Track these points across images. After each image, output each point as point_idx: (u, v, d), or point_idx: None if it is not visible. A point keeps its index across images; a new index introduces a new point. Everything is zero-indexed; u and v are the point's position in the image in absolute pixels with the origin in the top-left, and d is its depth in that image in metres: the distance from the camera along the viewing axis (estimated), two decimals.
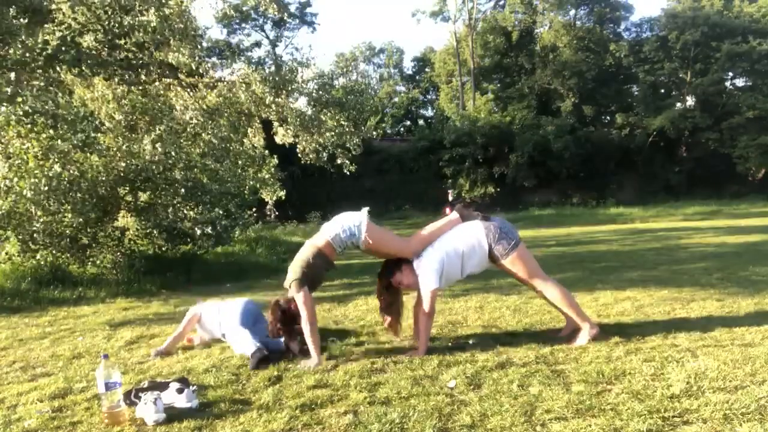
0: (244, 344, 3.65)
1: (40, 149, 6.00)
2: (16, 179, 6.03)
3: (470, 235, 3.64)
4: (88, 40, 6.55)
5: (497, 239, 3.61)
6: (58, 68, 6.62)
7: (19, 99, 5.89)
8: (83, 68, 6.68)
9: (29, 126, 5.92)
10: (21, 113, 5.80)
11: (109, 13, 6.55)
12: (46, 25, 6.53)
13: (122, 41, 6.87)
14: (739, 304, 4.63)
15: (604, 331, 3.92)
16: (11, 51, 6.01)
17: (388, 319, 3.80)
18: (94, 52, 6.54)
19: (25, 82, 6.37)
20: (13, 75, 6.12)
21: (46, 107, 5.91)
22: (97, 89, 7.65)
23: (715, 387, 2.74)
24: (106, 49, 6.73)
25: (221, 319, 4.00)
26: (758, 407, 2.47)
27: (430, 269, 3.57)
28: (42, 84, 6.43)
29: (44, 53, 6.22)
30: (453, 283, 3.87)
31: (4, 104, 5.89)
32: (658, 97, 30.03)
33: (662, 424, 2.37)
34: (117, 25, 6.72)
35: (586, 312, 4.61)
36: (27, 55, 6.11)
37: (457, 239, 3.65)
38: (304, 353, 3.60)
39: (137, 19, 6.68)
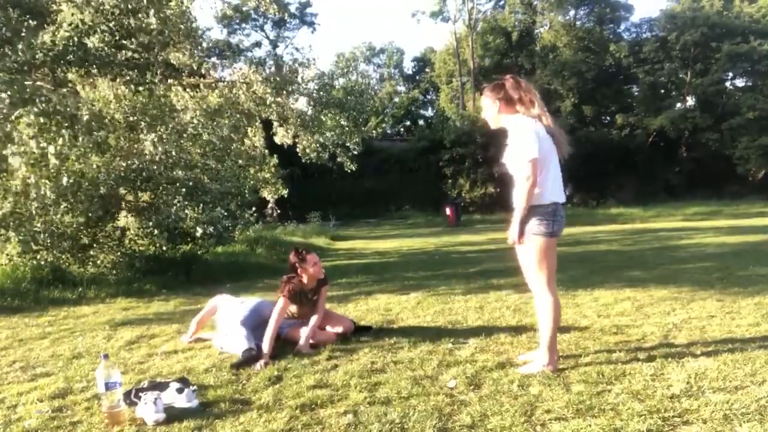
0: (238, 341, 3.67)
1: (55, 149, 5.98)
2: (34, 178, 6.01)
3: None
4: (94, 41, 6.55)
5: (541, 211, 3.08)
6: (65, 69, 6.62)
7: (42, 98, 5.88)
8: (90, 69, 6.68)
9: (47, 126, 5.90)
10: (39, 113, 5.78)
11: (116, 14, 6.56)
12: (50, 26, 6.53)
13: (128, 41, 6.89)
14: (739, 304, 4.63)
15: (604, 332, 3.92)
16: (20, 53, 6.01)
17: None
18: (101, 53, 6.53)
19: (34, 82, 6.37)
20: (20, 76, 6.12)
21: (67, 108, 5.90)
22: (100, 90, 7.66)
23: (715, 387, 2.74)
24: (112, 49, 6.72)
25: (238, 311, 4.02)
26: (758, 407, 2.47)
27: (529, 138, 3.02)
28: (50, 85, 6.44)
29: (51, 54, 6.22)
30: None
31: (20, 107, 5.87)
32: (658, 97, 30.06)
33: (662, 424, 2.37)
34: (122, 26, 6.72)
35: (586, 313, 4.62)
36: (37, 56, 6.11)
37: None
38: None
39: (141, 20, 6.69)
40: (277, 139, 11.32)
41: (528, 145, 2.99)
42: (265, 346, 3.59)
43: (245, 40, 33.56)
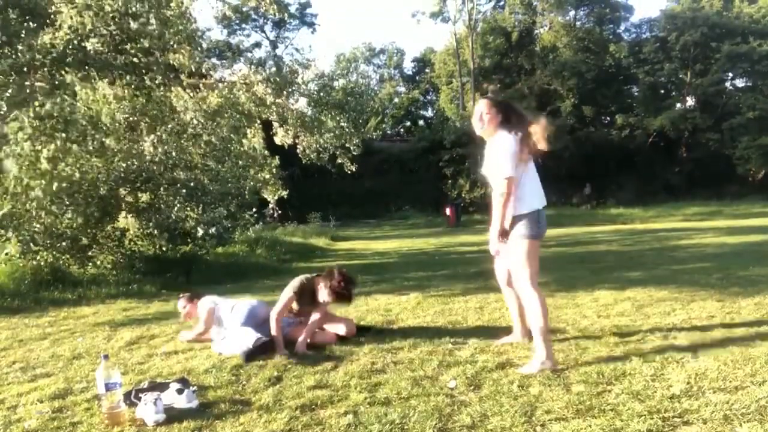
0: (246, 338, 3.66)
1: (48, 152, 5.98)
2: (26, 179, 6.01)
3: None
4: (93, 44, 6.56)
5: (525, 217, 3.23)
6: (63, 71, 6.63)
7: (36, 103, 5.88)
8: (89, 72, 6.69)
9: (42, 129, 5.90)
10: (33, 116, 5.78)
11: (116, 18, 6.56)
12: (49, 28, 6.53)
13: (128, 46, 6.89)
14: (739, 304, 4.63)
15: (604, 332, 3.92)
16: (20, 54, 6.00)
17: None
18: (102, 56, 6.54)
19: (33, 84, 6.37)
20: (18, 77, 6.12)
21: (62, 112, 5.90)
22: (99, 91, 7.66)
23: (715, 387, 2.74)
24: (111, 53, 6.73)
25: (231, 318, 4.02)
26: (758, 408, 2.47)
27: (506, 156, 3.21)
28: (47, 87, 6.43)
29: (50, 56, 6.22)
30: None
31: (17, 108, 5.87)
32: (658, 97, 30.06)
33: (662, 424, 2.37)
34: (122, 30, 6.73)
35: (586, 313, 4.62)
36: (36, 58, 6.11)
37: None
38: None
39: (143, 25, 6.69)
40: (278, 140, 11.34)
41: (506, 163, 3.20)
42: (276, 335, 3.70)
43: (245, 41, 33.60)
